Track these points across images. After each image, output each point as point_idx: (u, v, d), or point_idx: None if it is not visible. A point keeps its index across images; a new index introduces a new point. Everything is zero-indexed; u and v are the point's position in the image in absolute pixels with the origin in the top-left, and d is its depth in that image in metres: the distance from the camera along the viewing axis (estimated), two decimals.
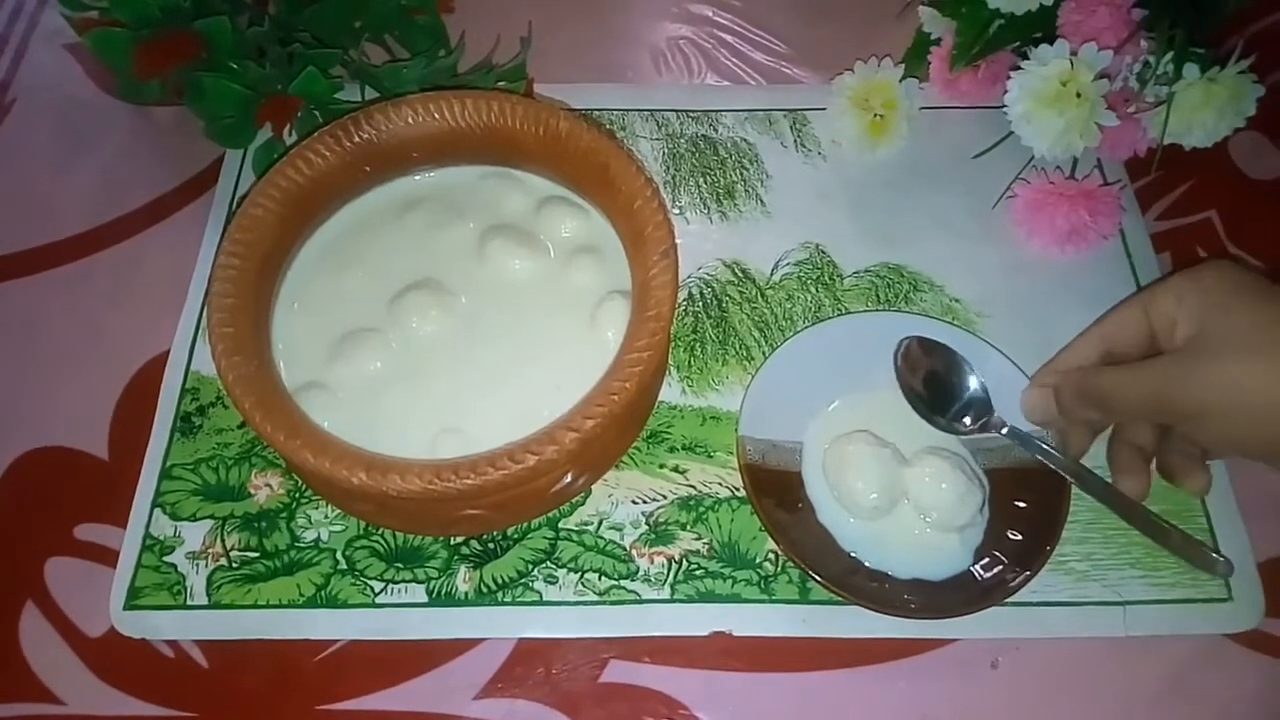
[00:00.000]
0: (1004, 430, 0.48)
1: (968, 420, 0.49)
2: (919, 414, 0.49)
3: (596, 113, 0.61)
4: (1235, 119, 0.52)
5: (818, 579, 0.44)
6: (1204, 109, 0.52)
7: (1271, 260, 0.57)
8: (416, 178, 0.51)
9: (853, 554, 0.46)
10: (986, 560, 0.46)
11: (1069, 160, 0.57)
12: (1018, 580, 0.45)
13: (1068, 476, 0.47)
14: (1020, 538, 0.47)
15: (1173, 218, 0.58)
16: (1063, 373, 0.47)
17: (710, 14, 0.67)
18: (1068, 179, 0.56)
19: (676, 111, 0.62)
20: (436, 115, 0.49)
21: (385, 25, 0.61)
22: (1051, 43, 0.52)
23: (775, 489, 0.47)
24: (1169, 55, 0.52)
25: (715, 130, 0.61)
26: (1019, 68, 0.52)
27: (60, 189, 0.60)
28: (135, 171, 0.60)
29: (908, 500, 0.47)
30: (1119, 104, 0.53)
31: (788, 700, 0.45)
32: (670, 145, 0.60)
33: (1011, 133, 0.54)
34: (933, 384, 0.50)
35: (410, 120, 0.49)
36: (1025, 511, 0.48)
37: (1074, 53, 0.51)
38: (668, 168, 0.59)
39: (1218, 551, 0.47)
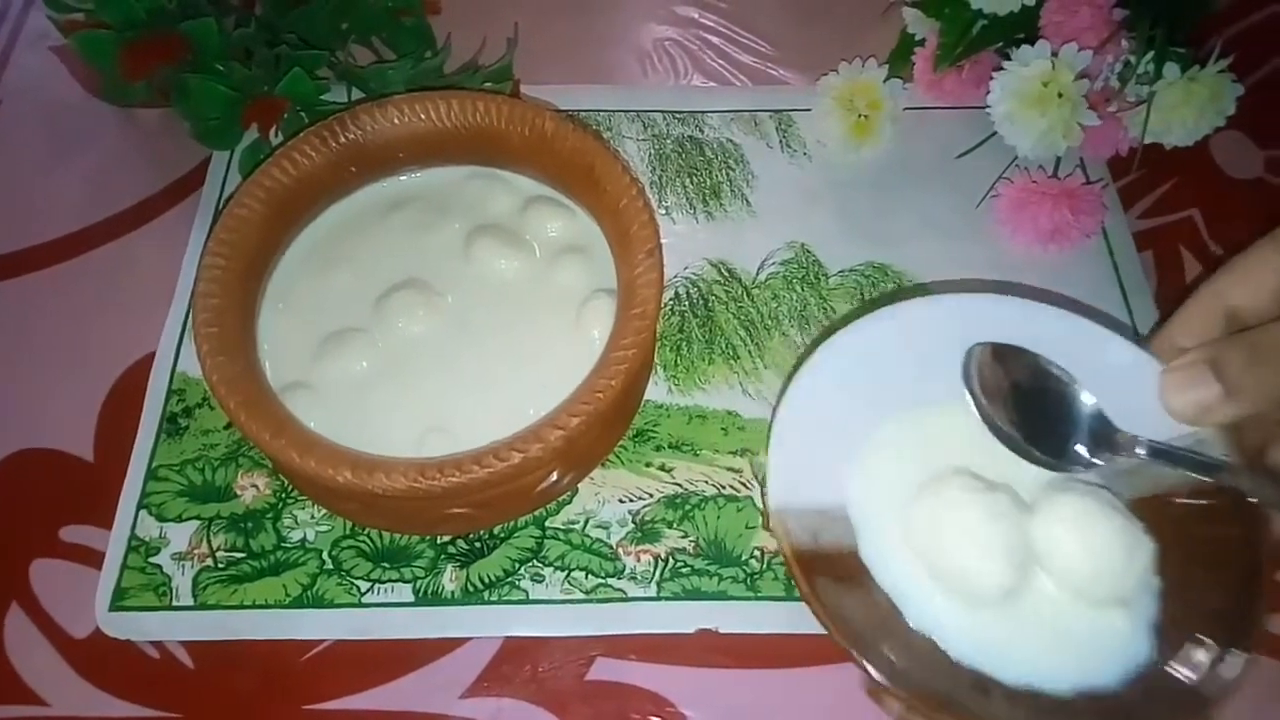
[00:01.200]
0: (1140, 450, 0.35)
1: (1081, 448, 0.36)
2: (1012, 450, 0.36)
3: (583, 114, 0.61)
4: (1215, 118, 0.53)
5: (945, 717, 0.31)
6: (1184, 108, 0.52)
7: None
8: (402, 178, 0.51)
9: (971, 666, 0.33)
10: (1173, 642, 0.33)
11: (1052, 159, 0.57)
12: (1232, 665, 0.32)
13: (1254, 492, 0.33)
14: (1209, 597, 0.34)
15: (1155, 216, 0.59)
16: (1217, 342, 0.34)
17: (696, 15, 0.68)
18: (1050, 178, 0.56)
19: (663, 112, 0.62)
20: (422, 115, 0.49)
21: (372, 27, 0.61)
22: (1033, 43, 0.52)
23: (836, 580, 0.34)
24: (1149, 55, 0.53)
25: (701, 131, 0.61)
26: (1002, 68, 0.53)
27: (46, 191, 0.59)
28: (121, 173, 0.60)
29: (1040, 568, 0.34)
30: (1100, 103, 0.54)
31: (774, 697, 0.45)
32: (656, 146, 0.60)
33: (995, 132, 0.55)
34: (1021, 404, 0.37)
35: (396, 120, 0.49)
36: (1202, 555, 0.34)
37: (1055, 53, 0.51)
38: (654, 168, 0.59)
39: None
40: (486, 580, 0.47)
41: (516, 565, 0.47)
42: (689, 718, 0.44)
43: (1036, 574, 0.34)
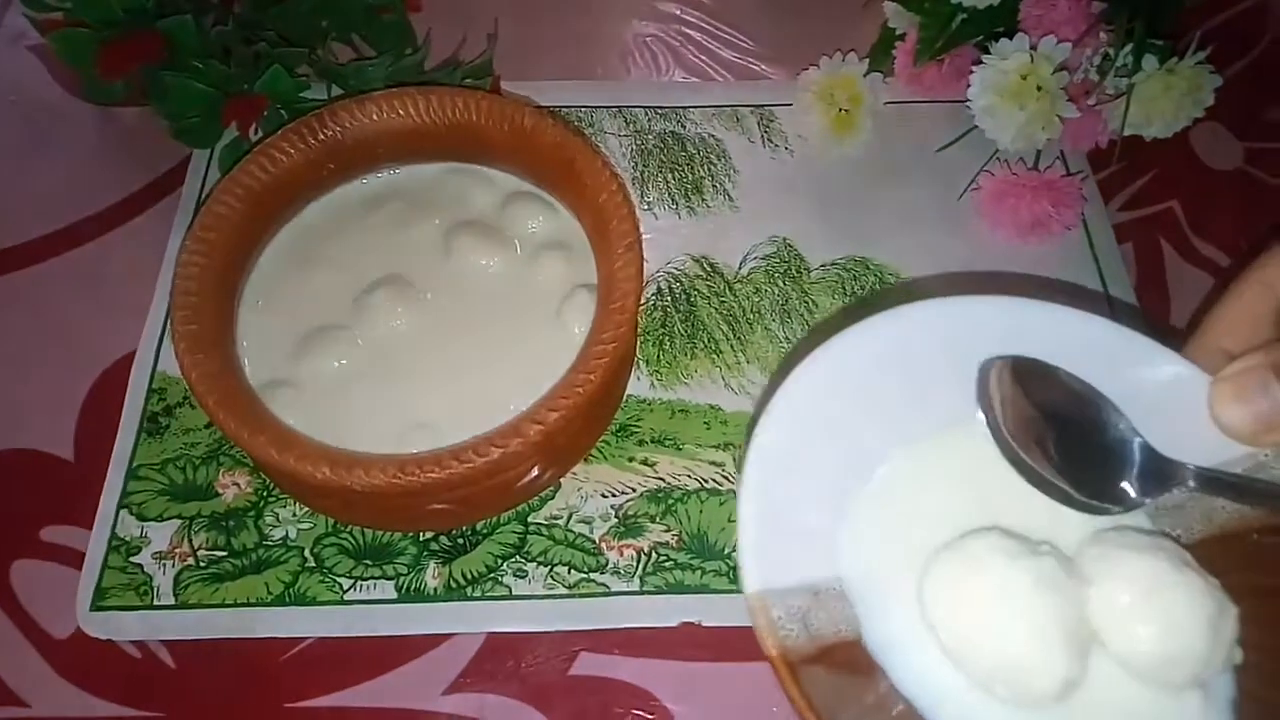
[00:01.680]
0: (1191, 481, 0.29)
1: (1129, 485, 0.30)
2: (1044, 492, 0.30)
3: (565, 110, 0.61)
4: (1194, 109, 0.53)
5: None
6: (1163, 100, 0.53)
7: (1232, 249, 0.57)
8: (382, 175, 0.51)
9: None
10: None
11: (1032, 152, 0.57)
12: None
13: None
14: None
15: (1135, 208, 0.59)
16: (1275, 344, 0.30)
17: (677, 11, 0.68)
18: (1031, 171, 0.56)
19: (644, 108, 0.62)
20: (401, 112, 0.49)
21: (351, 24, 0.60)
22: (1012, 37, 0.52)
23: (836, 678, 0.27)
24: (1128, 47, 0.53)
25: (683, 126, 0.61)
26: (981, 61, 0.53)
27: (25, 190, 0.59)
28: (101, 172, 0.60)
29: (1103, 649, 0.27)
30: (1080, 96, 0.54)
31: (757, 689, 0.45)
32: (638, 142, 0.60)
33: (975, 126, 0.55)
34: (1051, 433, 0.30)
35: (375, 117, 0.49)
36: (1274, 614, 0.28)
37: (1034, 46, 0.51)
38: (636, 164, 0.59)
39: None
40: (469, 576, 0.46)
41: (499, 561, 0.47)
42: (672, 711, 0.44)
43: (1096, 656, 0.27)
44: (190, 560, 0.47)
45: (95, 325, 0.54)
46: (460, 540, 0.47)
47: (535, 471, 0.46)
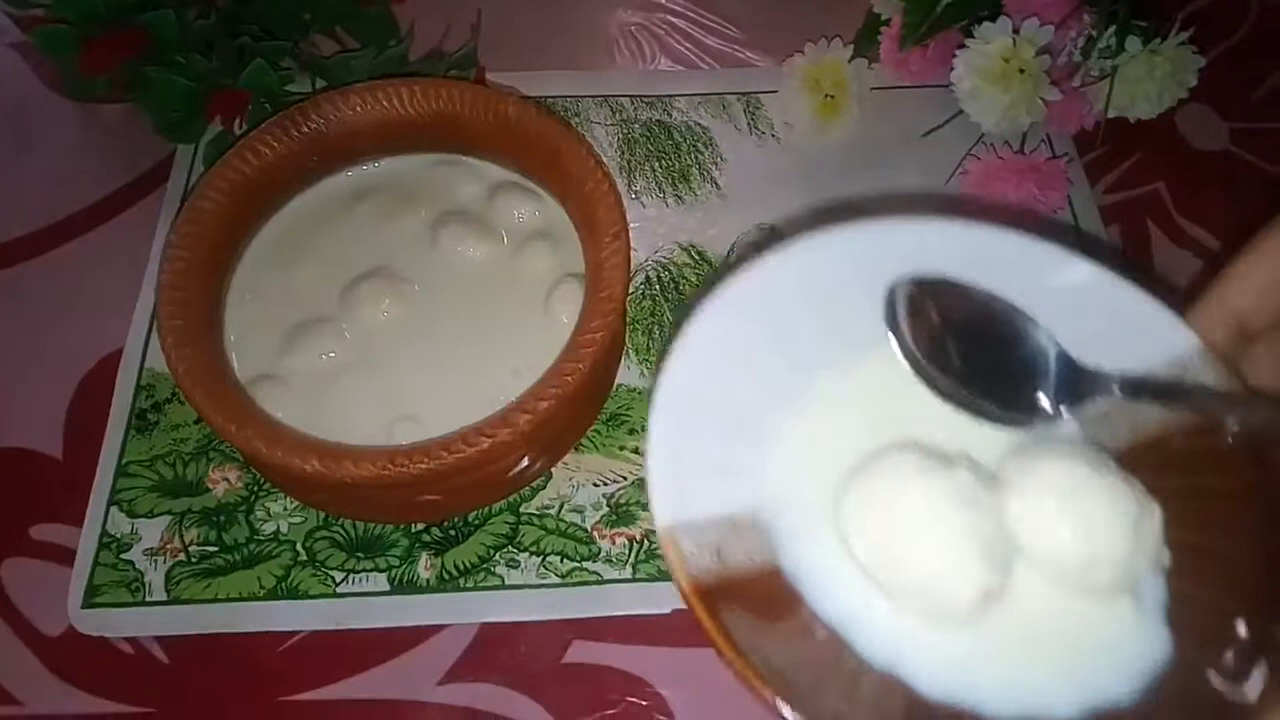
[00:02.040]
0: (1116, 389, 0.28)
1: (1044, 397, 0.29)
2: (959, 408, 0.29)
3: (550, 100, 0.61)
4: (1177, 90, 0.54)
5: None
6: (1147, 81, 0.53)
7: (1219, 231, 0.58)
8: (367, 167, 0.51)
9: (948, 701, 0.25)
10: (1192, 631, 0.26)
11: (1018, 135, 0.57)
12: (1271, 651, 0.25)
13: (1263, 422, 0.27)
14: (1230, 568, 0.27)
15: (1121, 190, 0.59)
16: None
17: (662, 0, 0.67)
18: (1016, 154, 0.56)
19: (630, 97, 0.62)
20: (385, 103, 0.49)
21: (334, 16, 0.60)
22: (996, 19, 0.52)
23: (756, 611, 0.26)
24: (1111, 29, 0.53)
25: (669, 115, 0.61)
26: (965, 45, 0.53)
27: (10, 188, 0.59)
28: (86, 169, 0.59)
29: (1022, 561, 0.27)
30: (1064, 78, 0.54)
31: None
32: (625, 131, 0.60)
33: (961, 110, 0.55)
34: (963, 349, 0.30)
35: (358, 109, 0.49)
36: (1211, 514, 0.28)
37: (1017, 29, 0.51)
38: (622, 153, 0.59)
39: None
40: (461, 567, 0.47)
41: (491, 552, 0.47)
42: (666, 697, 0.44)
43: (1019, 569, 0.26)
44: (181, 556, 0.46)
45: (82, 322, 0.53)
46: (452, 531, 0.47)
47: (526, 461, 0.46)
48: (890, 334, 0.30)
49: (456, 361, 0.46)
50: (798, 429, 0.29)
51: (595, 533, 0.48)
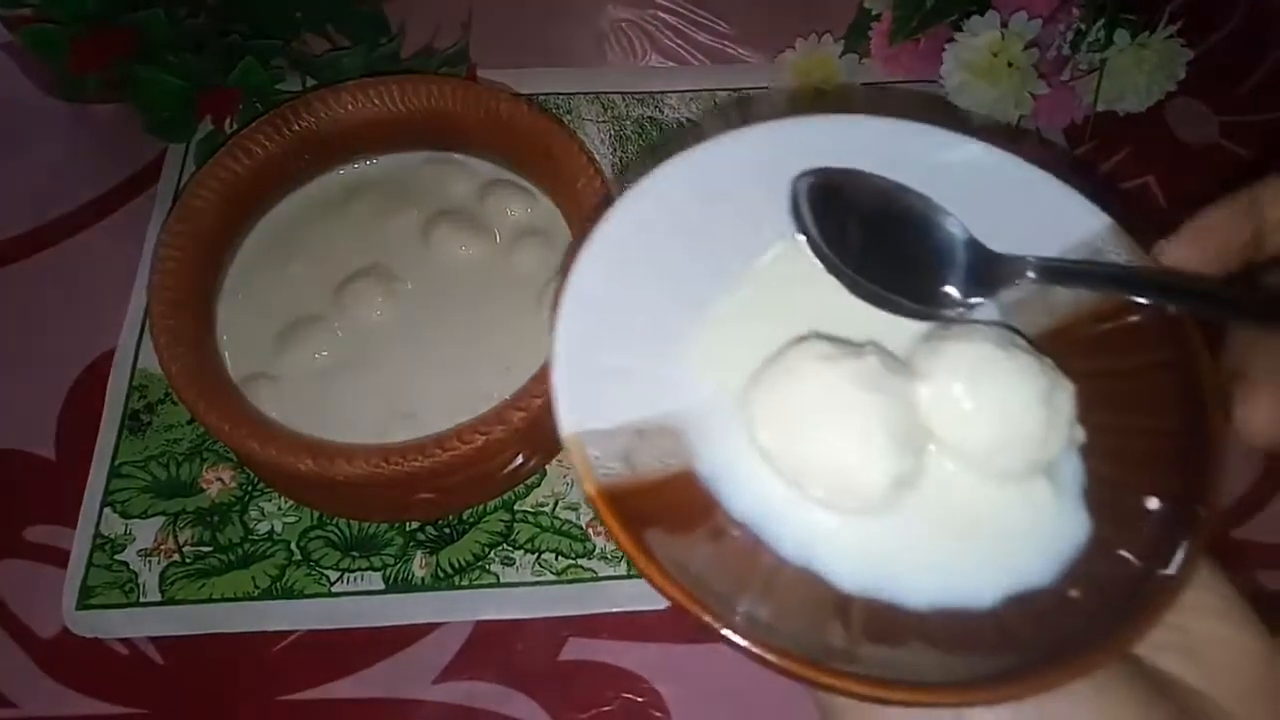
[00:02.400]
0: (1030, 273, 0.28)
1: (953, 288, 0.28)
2: (869, 300, 0.28)
3: (541, 97, 0.61)
4: (1166, 83, 0.54)
5: (833, 681, 0.22)
6: (1135, 74, 0.53)
7: None
8: (359, 165, 0.51)
9: (866, 593, 0.25)
10: (1110, 511, 0.26)
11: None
12: (1188, 527, 0.24)
13: (1178, 301, 0.27)
14: (1147, 444, 0.26)
15: (1111, 184, 0.60)
16: None
17: None
18: None
19: (622, 94, 0.62)
20: (376, 101, 0.49)
21: (325, 14, 0.60)
22: (984, 14, 0.52)
23: (669, 518, 0.25)
24: (1100, 22, 0.53)
25: (661, 111, 0.61)
26: (954, 40, 0.53)
27: (0, 188, 0.59)
28: (77, 169, 0.59)
29: (934, 445, 0.26)
30: (1053, 72, 0.54)
31: (745, 670, 0.45)
32: (616, 128, 0.60)
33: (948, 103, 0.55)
34: (872, 242, 0.29)
35: (350, 107, 0.49)
36: (1128, 392, 0.27)
37: (1005, 23, 0.51)
38: (614, 150, 0.59)
39: None
40: (457, 565, 0.47)
41: (486, 549, 0.47)
42: (662, 693, 0.44)
43: (931, 454, 0.26)
44: (176, 556, 0.46)
45: (74, 323, 0.53)
46: (447, 529, 0.47)
47: (520, 459, 0.46)
48: (799, 232, 0.29)
49: (450, 359, 0.46)
50: (706, 332, 0.28)
51: (590, 529, 0.48)
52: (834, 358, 0.26)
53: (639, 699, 0.44)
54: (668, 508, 0.25)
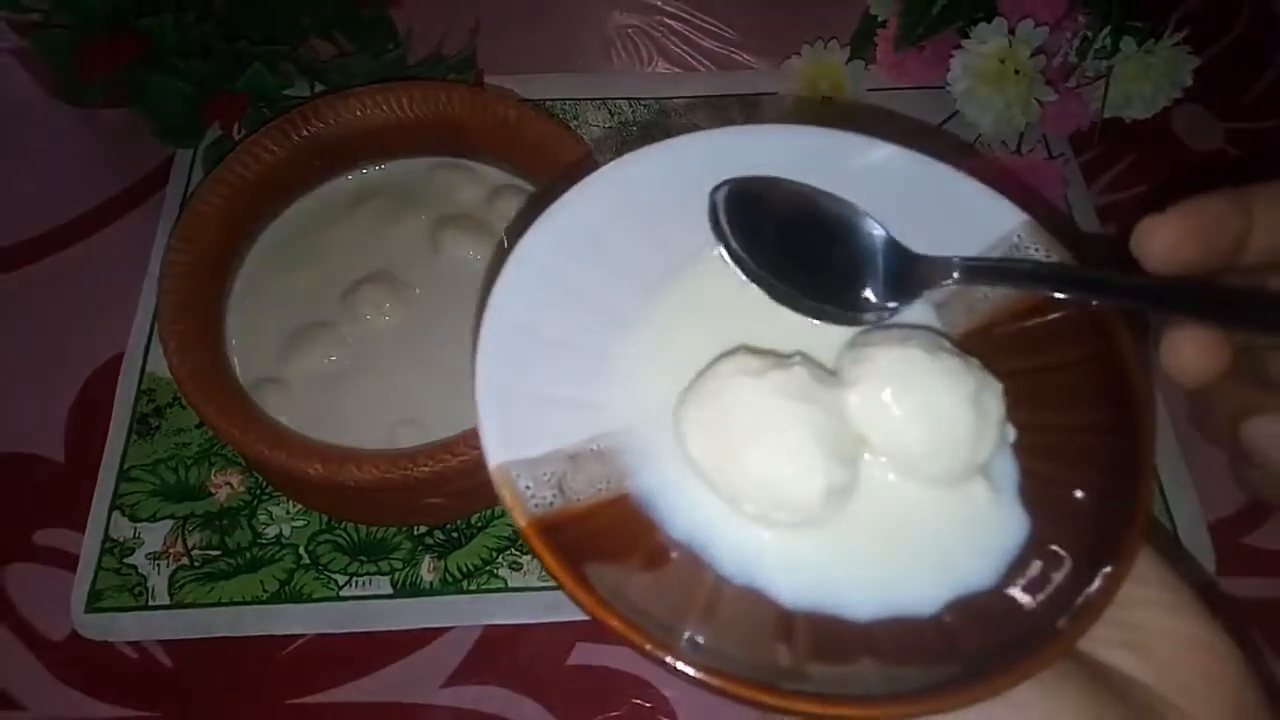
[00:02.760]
0: (955, 274, 0.28)
1: (870, 293, 0.28)
2: (790, 307, 0.28)
3: (548, 102, 0.61)
4: (1172, 90, 0.54)
5: (778, 701, 0.22)
6: (1142, 81, 0.53)
7: None
8: (366, 171, 0.51)
9: (810, 608, 0.24)
10: (1047, 508, 0.26)
11: (1014, 136, 0.57)
12: (1122, 521, 0.24)
13: (1101, 294, 0.27)
14: (1079, 439, 0.27)
15: (1117, 190, 0.60)
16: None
17: (659, 2, 0.68)
18: (1013, 154, 0.57)
19: (628, 99, 0.62)
20: (384, 107, 0.49)
21: (332, 20, 0.60)
22: (991, 20, 0.52)
23: (606, 541, 0.24)
24: (1106, 29, 0.53)
25: (667, 117, 0.61)
26: (961, 46, 0.53)
27: (8, 194, 0.59)
28: (85, 174, 0.59)
29: (867, 453, 0.26)
30: (1060, 79, 0.54)
31: None
32: (622, 133, 0.61)
33: (957, 111, 0.55)
34: (792, 249, 0.29)
35: (358, 113, 0.49)
36: (1057, 387, 0.28)
37: (1012, 30, 0.52)
38: (620, 156, 0.59)
39: None
40: (464, 570, 0.47)
41: (494, 554, 0.47)
42: (670, 699, 0.45)
43: (866, 463, 0.26)
44: (185, 560, 0.47)
45: (83, 327, 0.54)
46: (454, 534, 0.47)
47: None
48: (719, 243, 0.28)
49: (457, 365, 0.46)
50: (633, 351, 0.28)
51: None
52: (761, 371, 0.25)
53: (646, 704, 0.44)
54: (605, 534, 0.24)
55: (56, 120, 0.61)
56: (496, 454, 0.24)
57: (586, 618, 0.45)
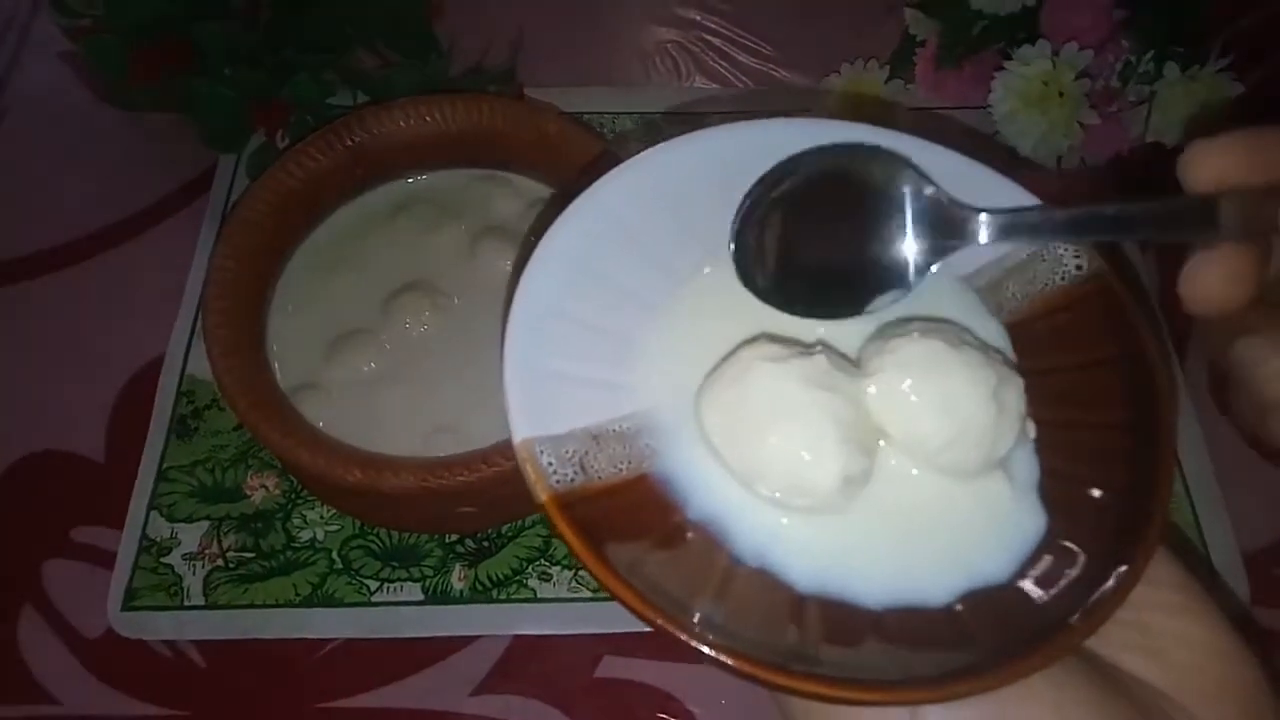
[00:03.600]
0: (985, 230, 0.28)
1: (916, 248, 0.28)
2: (796, 314, 0.28)
3: (586, 116, 0.61)
4: (1214, 116, 0.53)
5: (788, 682, 0.22)
6: (1184, 106, 0.53)
7: None
8: (408, 180, 0.52)
9: (822, 592, 0.24)
10: (1064, 505, 0.26)
11: (1053, 159, 0.57)
12: (1138, 525, 0.24)
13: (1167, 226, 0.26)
14: (1098, 438, 0.27)
15: None
16: None
17: (698, 17, 0.68)
18: (1053, 176, 0.56)
19: (665, 114, 0.62)
20: (428, 118, 0.49)
21: (376, 31, 0.61)
22: (1034, 42, 0.52)
23: (624, 520, 0.25)
24: (1150, 54, 0.53)
25: None
26: (1003, 68, 0.53)
27: (55, 195, 0.60)
28: (130, 177, 0.60)
29: (886, 443, 0.26)
30: (1102, 102, 0.54)
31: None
32: None
33: (996, 132, 0.55)
34: (813, 243, 0.29)
35: (402, 124, 0.49)
36: (1077, 386, 0.28)
37: (1056, 52, 0.51)
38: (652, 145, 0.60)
39: None
40: (495, 579, 0.47)
41: (524, 564, 0.47)
42: (697, 715, 0.45)
43: (884, 452, 0.26)
44: (220, 561, 0.47)
45: (125, 328, 0.54)
46: (485, 543, 0.48)
47: None
48: (736, 267, 0.29)
49: (494, 374, 0.46)
50: (660, 336, 0.28)
51: None
52: (782, 358, 0.26)
53: (672, 718, 0.44)
54: (624, 512, 0.25)
55: (103, 123, 0.62)
56: (521, 429, 0.25)
57: (615, 630, 0.46)
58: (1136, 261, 0.56)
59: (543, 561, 0.47)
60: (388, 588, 0.47)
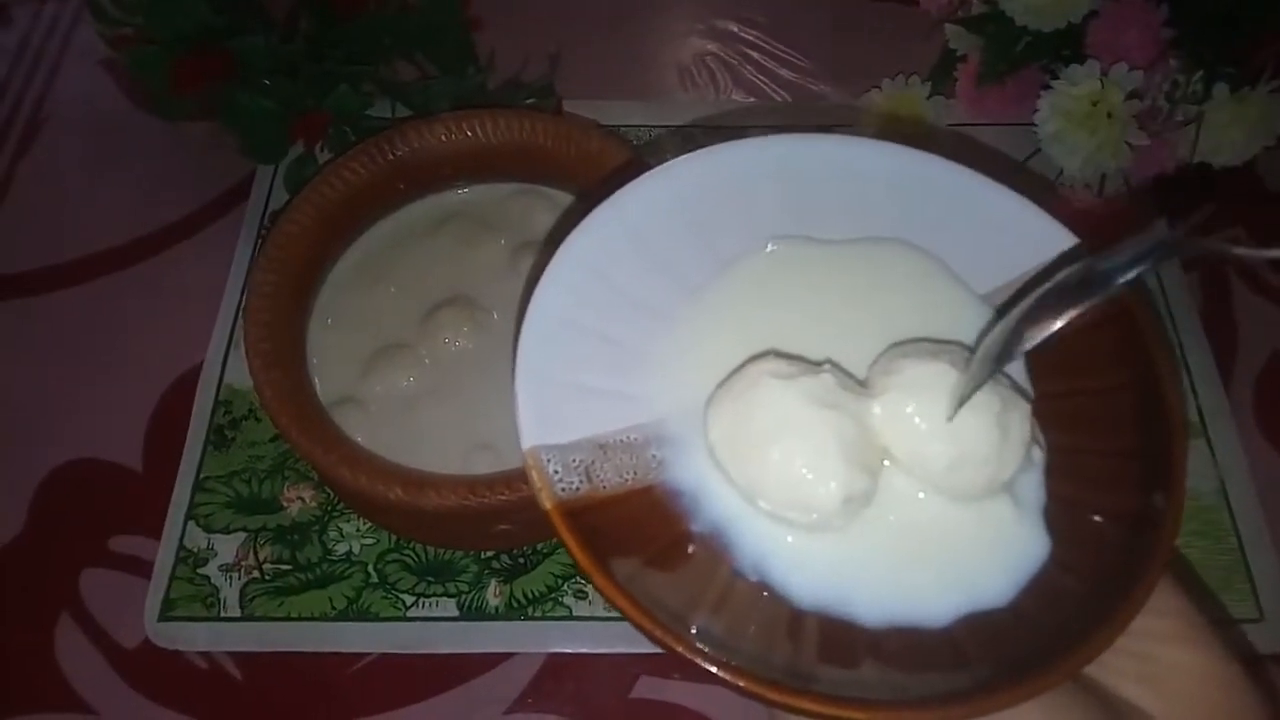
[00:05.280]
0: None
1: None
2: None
3: (623, 129, 0.61)
4: (1265, 138, 0.53)
5: (782, 698, 0.22)
6: (1233, 128, 0.52)
7: None
8: (449, 194, 0.52)
9: (821, 608, 0.24)
10: (1068, 531, 0.26)
11: (1097, 178, 0.57)
12: (1142, 550, 0.24)
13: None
14: (1107, 464, 0.26)
15: (1202, 233, 0.58)
16: None
17: (736, 30, 0.68)
18: (1095, 198, 0.56)
19: (703, 128, 0.62)
20: (469, 133, 0.49)
21: (415, 43, 0.61)
22: (1079, 60, 0.52)
23: (627, 530, 0.25)
24: (1199, 74, 0.52)
25: None
26: (1048, 86, 0.52)
27: (94, 204, 0.60)
28: (169, 186, 0.61)
29: (891, 463, 0.26)
30: (1148, 122, 0.53)
31: None
32: None
33: (1038, 149, 0.54)
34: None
35: (444, 138, 0.49)
36: (1087, 411, 0.27)
37: (1105, 72, 0.51)
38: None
39: None
40: (530, 596, 0.47)
41: (560, 581, 0.47)
42: None
43: (888, 472, 0.26)
44: (256, 573, 0.47)
45: (163, 337, 0.55)
46: (521, 559, 0.48)
47: None
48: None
49: None
50: (671, 348, 0.28)
51: None
52: (789, 375, 0.26)
53: None
54: (628, 522, 0.25)
55: (142, 132, 0.63)
56: (529, 437, 0.25)
57: (651, 651, 0.45)
58: (1179, 282, 0.56)
59: (578, 579, 0.47)
60: (423, 603, 0.47)
